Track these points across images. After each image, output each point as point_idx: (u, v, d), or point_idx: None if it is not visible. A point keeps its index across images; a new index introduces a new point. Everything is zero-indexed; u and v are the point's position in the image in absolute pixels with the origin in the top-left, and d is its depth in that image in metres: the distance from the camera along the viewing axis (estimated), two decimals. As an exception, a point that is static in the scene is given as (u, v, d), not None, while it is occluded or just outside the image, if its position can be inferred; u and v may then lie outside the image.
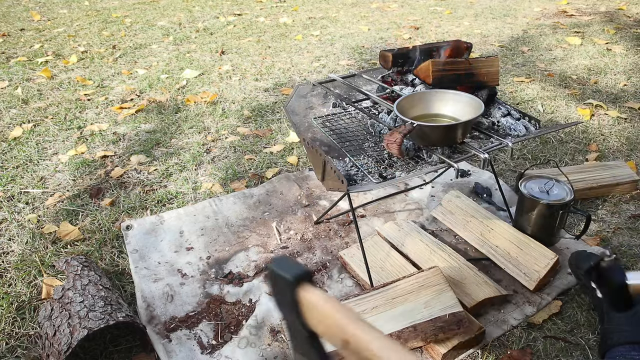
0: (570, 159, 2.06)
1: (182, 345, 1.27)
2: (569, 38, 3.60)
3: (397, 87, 1.53)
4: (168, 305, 1.40)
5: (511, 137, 1.35)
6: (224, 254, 1.61)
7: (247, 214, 1.79)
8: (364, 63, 3.29)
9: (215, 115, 2.57)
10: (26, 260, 1.58)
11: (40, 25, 4.42)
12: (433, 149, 1.28)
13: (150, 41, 3.90)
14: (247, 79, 3.07)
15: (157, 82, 3.04)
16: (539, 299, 1.37)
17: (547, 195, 1.47)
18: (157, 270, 1.53)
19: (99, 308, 1.20)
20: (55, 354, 1.12)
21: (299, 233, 1.69)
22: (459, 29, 3.97)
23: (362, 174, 1.31)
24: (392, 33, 3.93)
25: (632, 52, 3.27)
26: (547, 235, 1.50)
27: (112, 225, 1.75)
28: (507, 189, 1.86)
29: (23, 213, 1.82)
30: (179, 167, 2.10)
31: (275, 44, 3.77)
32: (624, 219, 1.69)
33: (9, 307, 1.40)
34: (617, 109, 2.47)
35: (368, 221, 1.74)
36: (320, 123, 1.55)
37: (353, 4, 5.02)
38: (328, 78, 1.65)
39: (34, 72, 3.24)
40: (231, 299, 1.42)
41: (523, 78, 2.91)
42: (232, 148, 2.25)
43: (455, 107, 1.34)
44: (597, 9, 4.47)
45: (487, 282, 1.37)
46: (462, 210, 1.64)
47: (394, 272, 1.43)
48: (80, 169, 2.10)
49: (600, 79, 2.87)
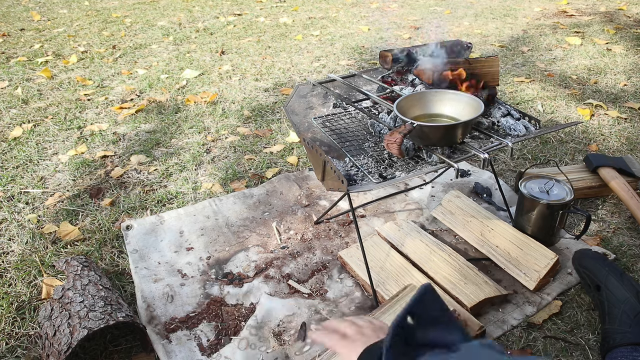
0: (570, 159, 2.06)
1: (182, 346, 1.27)
2: (569, 38, 3.60)
3: (397, 87, 1.53)
4: (168, 306, 1.40)
5: (511, 137, 1.35)
6: (224, 254, 1.61)
7: (247, 214, 1.79)
8: (364, 63, 3.29)
9: (215, 115, 2.57)
10: (26, 260, 1.58)
11: (40, 25, 4.42)
12: (433, 149, 1.28)
13: (150, 41, 3.90)
14: (247, 79, 3.07)
15: (157, 82, 3.04)
16: (539, 299, 1.37)
17: (547, 195, 1.47)
18: (157, 271, 1.53)
19: (99, 308, 1.20)
20: (55, 354, 1.12)
21: (299, 233, 1.69)
22: (459, 29, 3.97)
23: (362, 174, 1.31)
24: (392, 33, 3.93)
25: (632, 52, 3.27)
26: (547, 235, 1.50)
27: (112, 225, 1.75)
28: (507, 189, 1.86)
29: (23, 213, 1.82)
30: (179, 167, 2.10)
31: (275, 44, 3.77)
32: (624, 219, 1.69)
33: (9, 307, 1.40)
34: (617, 109, 2.47)
35: (368, 221, 1.74)
36: (320, 123, 1.55)
37: (353, 4, 5.02)
38: (328, 78, 1.64)
39: (34, 72, 3.24)
40: (231, 300, 1.42)
41: (523, 78, 2.91)
42: (232, 148, 2.25)
43: (455, 107, 1.34)
44: (597, 9, 4.47)
45: (487, 282, 1.37)
46: (462, 210, 1.64)
47: (394, 272, 1.43)
48: (80, 169, 2.10)
49: (600, 79, 2.87)
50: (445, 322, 0.68)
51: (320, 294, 1.44)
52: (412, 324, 0.66)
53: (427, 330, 0.66)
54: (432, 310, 0.68)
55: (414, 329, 0.66)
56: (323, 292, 1.44)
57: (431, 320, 0.67)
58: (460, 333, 0.67)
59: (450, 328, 0.67)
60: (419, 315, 0.66)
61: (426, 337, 0.66)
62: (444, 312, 0.68)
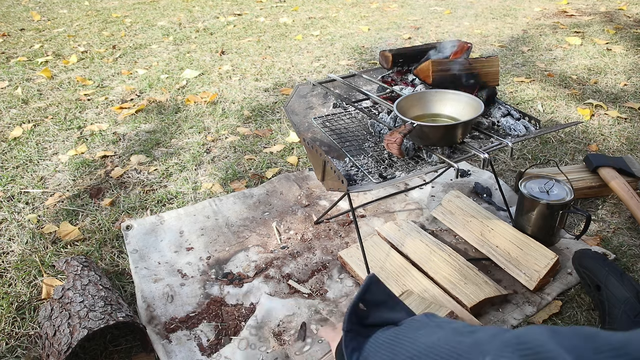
0: (570, 159, 2.06)
1: (182, 346, 1.27)
2: (569, 38, 3.60)
3: (397, 87, 1.53)
4: (168, 306, 1.40)
5: (511, 137, 1.35)
6: (224, 254, 1.61)
7: (247, 214, 1.79)
8: (364, 63, 3.29)
9: (215, 115, 2.57)
10: (26, 260, 1.58)
11: (40, 25, 4.42)
12: (433, 149, 1.28)
13: (150, 41, 3.90)
14: (247, 79, 3.07)
15: (157, 82, 3.04)
16: (539, 299, 1.37)
17: (547, 195, 1.47)
18: (157, 271, 1.53)
19: (99, 308, 1.20)
20: (55, 354, 1.12)
21: (299, 233, 1.69)
22: (459, 29, 3.97)
23: (362, 174, 1.31)
24: (392, 33, 3.93)
25: (632, 52, 3.27)
26: (547, 235, 1.50)
27: (112, 225, 1.75)
28: (507, 189, 1.86)
29: (23, 213, 1.82)
30: (179, 167, 2.10)
31: (275, 44, 3.77)
32: (624, 219, 1.69)
33: (9, 307, 1.40)
34: (617, 109, 2.47)
35: (368, 221, 1.74)
36: (320, 123, 1.55)
37: (353, 4, 5.02)
38: (328, 78, 1.64)
39: (34, 72, 3.24)
40: (231, 300, 1.42)
41: (523, 78, 2.91)
42: (232, 148, 2.25)
43: (455, 107, 1.34)
44: (597, 9, 4.47)
45: (487, 282, 1.37)
46: (462, 210, 1.64)
47: (394, 272, 1.43)
48: (80, 169, 2.10)
49: (600, 79, 2.87)
50: (391, 304, 0.80)
51: (320, 294, 1.44)
52: (364, 310, 0.78)
53: (377, 312, 0.78)
54: (379, 296, 0.80)
55: (366, 313, 0.78)
56: (323, 292, 1.44)
57: (379, 304, 0.79)
58: (405, 312, 0.79)
59: (396, 308, 0.80)
60: (369, 302, 0.78)
61: (377, 318, 0.77)
62: (389, 296, 0.81)
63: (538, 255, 1.42)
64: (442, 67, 1.42)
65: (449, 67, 1.41)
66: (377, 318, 0.77)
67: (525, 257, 1.43)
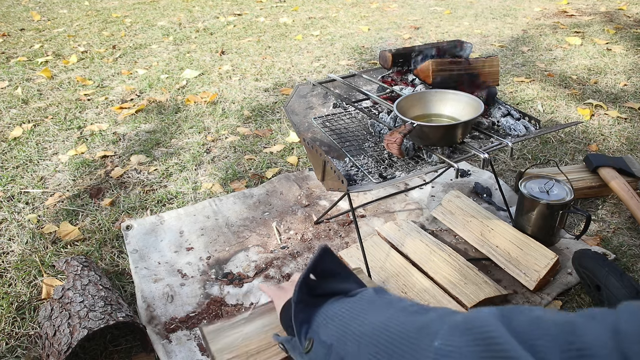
0: (570, 159, 2.06)
1: (182, 346, 1.27)
2: (569, 38, 3.60)
3: (397, 87, 1.53)
4: (168, 306, 1.40)
5: (511, 137, 1.35)
6: (224, 254, 1.61)
7: (247, 214, 1.79)
8: (364, 63, 3.29)
9: (215, 115, 2.57)
10: (26, 260, 1.58)
11: (40, 25, 4.43)
12: (433, 149, 1.28)
13: (150, 41, 3.91)
14: (247, 79, 3.07)
15: (157, 82, 3.04)
16: (539, 299, 1.37)
17: (547, 195, 1.47)
18: (157, 271, 1.53)
19: (99, 308, 1.20)
20: (55, 354, 1.12)
21: (299, 233, 1.69)
22: (458, 29, 3.97)
23: (362, 174, 1.31)
24: (392, 33, 3.93)
25: (632, 52, 3.27)
26: (547, 235, 1.50)
27: (112, 225, 1.75)
28: (507, 189, 1.86)
29: (23, 213, 1.82)
30: (179, 167, 2.10)
31: (275, 44, 3.77)
32: (624, 219, 1.69)
33: (9, 307, 1.40)
34: (617, 109, 2.47)
35: (368, 221, 1.74)
36: (320, 123, 1.55)
37: (353, 4, 5.02)
38: (328, 78, 1.64)
39: (34, 72, 3.24)
40: (231, 300, 1.42)
41: (523, 78, 2.91)
42: (232, 148, 2.25)
43: (455, 107, 1.34)
44: (597, 9, 4.47)
45: (487, 282, 1.37)
46: (462, 210, 1.64)
47: (394, 272, 1.43)
48: (80, 169, 2.10)
49: (600, 79, 2.87)
50: (343, 275, 0.79)
51: (320, 294, 1.44)
52: (315, 280, 0.76)
53: (328, 282, 0.77)
54: (330, 266, 0.79)
55: (317, 283, 0.76)
56: (323, 292, 1.44)
57: (330, 274, 0.78)
58: (356, 283, 0.78)
59: (347, 279, 0.79)
60: (320, 272, 0.77)
61: (327, 288, 0.76)
62: (341, 267, 0.80)
63: (538, 255, 1.42)
64: (442, 67, 1.42)
65: (449, 67, 1.41)
66: (327, 289, 0.76)
67: (525, 257, 1.43)
